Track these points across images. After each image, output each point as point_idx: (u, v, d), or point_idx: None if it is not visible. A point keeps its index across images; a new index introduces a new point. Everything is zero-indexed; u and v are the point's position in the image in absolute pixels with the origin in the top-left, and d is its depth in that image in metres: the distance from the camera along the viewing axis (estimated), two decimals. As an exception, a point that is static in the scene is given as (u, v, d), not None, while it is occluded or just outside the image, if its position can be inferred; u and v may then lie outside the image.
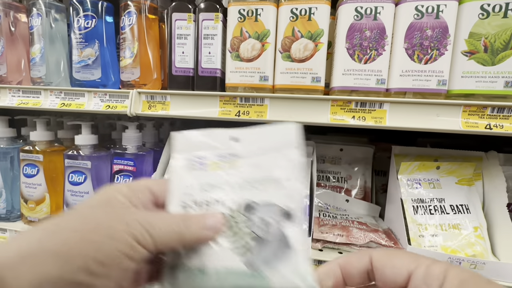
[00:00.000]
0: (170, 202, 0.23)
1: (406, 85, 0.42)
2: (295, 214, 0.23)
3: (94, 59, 0.52)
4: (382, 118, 0.41)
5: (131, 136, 0.55)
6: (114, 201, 0.21)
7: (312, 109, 0.43)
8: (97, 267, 0.17)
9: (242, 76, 0.46)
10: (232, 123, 0.49)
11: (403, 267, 0.18)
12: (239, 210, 0.24)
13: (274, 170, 0.25)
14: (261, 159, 0.26)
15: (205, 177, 0.25)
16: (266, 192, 0.24)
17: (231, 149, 0.26)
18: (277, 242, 0.22)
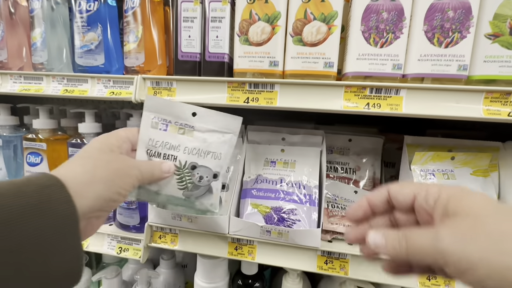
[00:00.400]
0: (139, 149, 0.39)
1: (425, 70, 0.40)
2: (219, 175, 0.42)
3: (97, 43, 0.50)
4: (399, 105, 0.39)
5: (136, 124, 0.53)
6: (115, 150, 0.34)
7: (324, 95, 0.41)
8: (122, 191, 0.31)
9: (251, 61, 0.44)
10: (240, 110, 0.47)
11: (410, 192, 0.26)
12: (186, 166, 0.40)
13: (214, 146, 0.41)
14: (209, 135, 0.41)
15: (166, 136, 0.40)
16: (205, 159, 0.41)
17: (189, 121, 0.40)
18: (205, 188, 0.41)
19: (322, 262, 0.47)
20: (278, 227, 0.46)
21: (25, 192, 0.23)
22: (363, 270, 0.46)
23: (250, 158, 0.56)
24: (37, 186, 0.24)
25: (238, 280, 0.56)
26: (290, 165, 0.55)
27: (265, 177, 0.53)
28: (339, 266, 0.46)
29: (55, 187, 0.25)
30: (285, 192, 0.51)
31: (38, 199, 0.23)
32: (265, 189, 0.52)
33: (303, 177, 0.53)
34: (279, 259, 0.48)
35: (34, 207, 0.23)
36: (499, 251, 0.19)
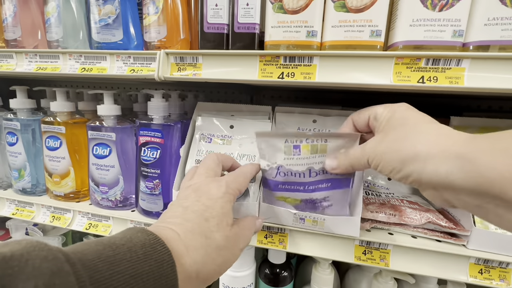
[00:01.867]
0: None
1: (492, 36, 0.34)
2: (255, 177, 0.45)
3: (114, 17, 0.46)
4: (459, 78, 0.34)
5: (158, 105, 0.50)
6: (225, 225, 0.31)
7: (371, 68, 0.36)
8: (232, 262, 0.33)
9: (285, 32, 0.39)
10: (250, 96, 0.42)
11: (365, 114, 0.35)
12: None
13: (248, 149, 0.49)
14: (243, 141, 0.51)
15: (210, 146, 0.51)
16: (241, 162, 0.46)
17: (228, 132, 0.51)
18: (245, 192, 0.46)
19: (360, 253, 0.44)
20: (313, 214, 0.42)
21: (142, 274, 0.21)
22: (405, 261, 0.42)
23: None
24: (153, 263, 0.22)
25: (266, 269, 0.54)
26: (320, 150, 0.39)
27: (289, 169, 0.40)
28: (379, 257, 0.43)
29: (167, 265, 0.23)
30: (315, 182, 0.40)
31: (153, 285, 0.22)
32: (289, 182, 0.40)
33: None
34: (313, 249, 0.45)
35: None
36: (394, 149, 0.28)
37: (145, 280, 0.21)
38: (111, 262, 0.21)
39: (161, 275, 0.22)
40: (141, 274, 0.21)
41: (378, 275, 0.49)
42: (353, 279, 0.61)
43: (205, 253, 0.27)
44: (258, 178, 0.48)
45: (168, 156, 0.51)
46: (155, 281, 0.22)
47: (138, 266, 0.21)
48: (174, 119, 0.56)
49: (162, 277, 0.22)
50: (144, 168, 0.51)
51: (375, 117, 0.33)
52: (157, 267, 0.22)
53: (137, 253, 0.22)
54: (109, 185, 0.54)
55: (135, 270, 0.21)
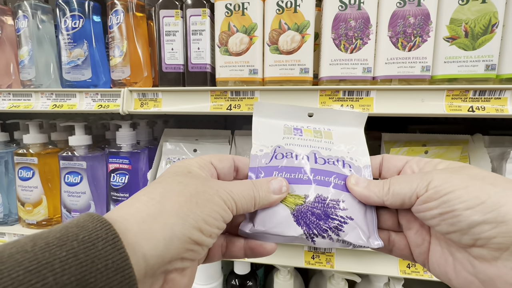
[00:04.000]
0: None
1: (392, 72, 0.43)
2: None
3: (83, 59, 0.52)
4: (370, 106, 0.42)
5: (125, 135, 0.55)
6: (195, 172, 0.23)
7: (302, 99, 0.44)
8: (204, 226, 0.20)
9: (232, 70, 0.47)
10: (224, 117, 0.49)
11: (402, 159, 0.26)
12: None
13: None
14: None
15: None
16: None
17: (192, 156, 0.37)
18: None
19: (309, 257, 0.49)
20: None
21: (53, 264, 0.14)
22: (348, 262, 0.48)
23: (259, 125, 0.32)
24: (75, 246, 0.15)
25: (232, 280, 0.58)
26: (325, 135, 0.31)
27: (290, 150, 0.29)
28: (325, 260, 0.49)
29: (102, 243, 0.15)
30: (321, 171, 0.28)
31: (76, 275, 0.14)
32: (292, 168, 0.28)
33: (346, 153, 0.30)
34: (269, 257, 0.50)
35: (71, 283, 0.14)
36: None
37: (57, 271, 0.14)
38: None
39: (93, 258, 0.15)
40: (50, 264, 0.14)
41: (331, 278, 0.55)
42: (315, 284, 0.66)
43: (150, 194, 0.20)
44: None
45: (137, 180, 0.56)
46: (78, 269, 0.14)
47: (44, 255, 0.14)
48: (142, 146, 0.61)
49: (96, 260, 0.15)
50: (113, 192, 0.55)
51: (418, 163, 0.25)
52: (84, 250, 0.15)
53: (50, 238, 0.15)
54: (81, 211, 0.58)
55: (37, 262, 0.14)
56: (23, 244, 0.14)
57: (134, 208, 0.19)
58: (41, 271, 0.13)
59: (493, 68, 0.40)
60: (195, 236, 0.19)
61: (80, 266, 0.14)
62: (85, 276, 0.14)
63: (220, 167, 0.26)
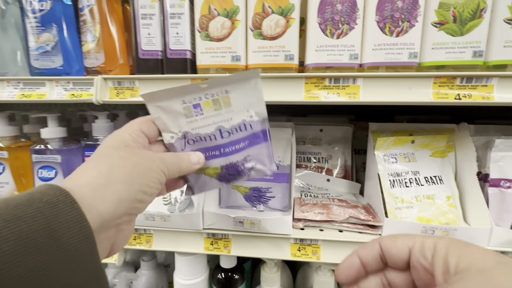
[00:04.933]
0: None
1: (379, 59, 0.41)
2: None
3: (53, 45, 0.48)
4: (356, 94, 0.41)
5: (102, 126, 0.52)
6: (131, 145, 0.29)
7: (287, 87, 0.42)
8: (147, 189, 0.26)
9: (213, 57, 0.44)
10: None
11: (404, 246, 0.22)
12: None
13: None
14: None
15: None
16: None
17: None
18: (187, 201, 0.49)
19: (295, 250, 0.49)
20: (250, 217, 0.47)
21: (25, 217, 0.18)
22: (333, 253, 0.48)
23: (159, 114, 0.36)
24: (43, 205, 0.19)
25: (218, 274, 0.57)
26: (224, 103, 0.35)
27: (197, 133, 0.36)
28: (311, 252, 0.48)
29: (62, 204, 0.20)
30: (231, 143, 0.36)
31: (44, 224, 0.18)
32: (204, 149, 0.36)
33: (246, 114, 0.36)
34: (255, 250, 0.49)
35: (35, 239, 0.18)
36: None
37: (29, 222, 0.18)
38: None
39: (56, 214, 0.19)
40: (21, 217, 0.18)
41: (318, 269, 0.55)
42: (302, 276, 0.66)
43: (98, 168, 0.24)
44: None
45: (115, 174, 0.53)
46: (46, 220, 0.19)
47: (15, 212, 0.18)
48: (122, 138, 0.58)
49: (58, 215, 0.19)
50: (91, 187, 0.52)
51: (427, 251, 0.21)
52: (48, 208, 0.19)
53: (17, 200, 0.19)
54: (57, 207, 0.55)
55: (12, 215, 0.18)
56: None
57: (85, 180, 0.23)
58: (16, 221, 0.18)
59: (480, 54, 0.40)
60: (140, 197, 0.26)
61: (46, 219, 0.19)
62: (51, 225, 0.19)
63: (148, 133, 0.32)
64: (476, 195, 0.47)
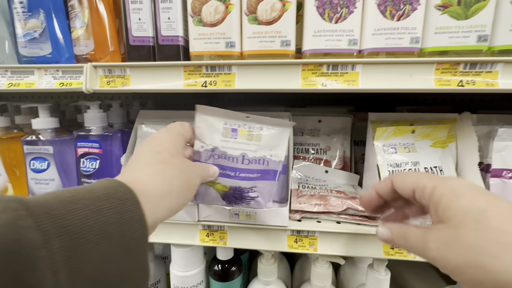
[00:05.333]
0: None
1: (379, 44, 0.40)
2: None
3: (40, 31, 0.47)
4: (355, 81, 0.39)
5: (94, 116, 0.51)
6: (180, 152, 0.34)
7: (283, 75, 0.41)
8: (187, 202, 0.32)
9: (206, 43, 0.43)
10: (208, 100, 0.45)
11: (410, 185, 0.29)
12: None
13: None
14: None
15: None
16: None
17: None
18: None
19: (292, 241, 0.48)
20: (246, 209, 0.46)
21: (103, 209, 0.21)
22: (331, 245, 0.47)
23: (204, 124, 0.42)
24: (115, 200, 0.22)
25: (214, 266, 0.57)
26: (256, 138, 0.42)
27: (224, 152, 0.41)
28: (308, 244, 0.47)
29: (130, 202, 0.23)
30: (247, 170, 0.42)
31: (116, 219, 0.21)
32: (223, 166, 0.41)
33: (268, 151, 0.43)
34: (251, 242, 0.48)
35: (108, 231, 0.21)
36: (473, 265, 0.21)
37: (106, 215, 0.21)
38: (69, 201, 0.20)
39: (125, 210, 0.22)
40: (102, 209, 0.21)
41: (315, 261, 0.54)
42: (300, 267, 0.66)
43: (164, 176, 0.28)
44: None
45: (109, 166, 0.52)
46: (119, 215, 0.22)
47: (98, 203, 0.21)
48: (116, 129, 0.57)
49: (127, 212, 0.22)
50: (84, 179, 0.51)
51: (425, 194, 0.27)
52: (119, 204, 0.22)
53: (97, 193, 0.22)
54: (51, 199, 0.54)
55: (95, 207, 0.21)
56: (82, 194, 0.22)
57: (151, 186, 0.27)
58: (99, 213, 0.21)
59: (485, 39, 0.38)
60: (180, 208, 0.30)
61: (118, 214, 0.22)
62: (121, 220, 0.22)
63: (187, 139, 0.37)
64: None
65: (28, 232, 0.16)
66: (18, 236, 0.16)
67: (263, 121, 0.42)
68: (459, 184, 0.25)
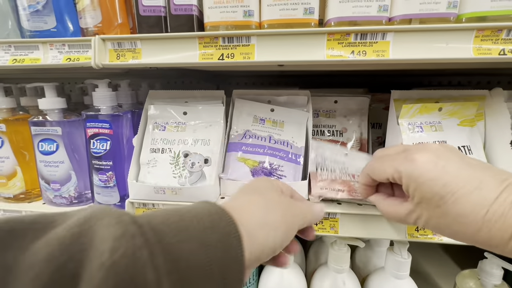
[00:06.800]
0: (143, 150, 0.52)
1: (412, 10, 0.36)
2: (210, 160, 0.49)
3: (44, 3, 0.44)
4: (385, 51, 0.36)
5: (103, 95, 0.48)
6: (284, 192, 0.32)
7: (306, 45, 0.38)
8: (286, 240, 0.26)
9: (222, 12, 0.39)
10: (208, 76, 0.42)
11: (385, 176, 0.34)
12: (179, 155, 0.49)
13: (202, 134, 0.51)
14: (197, 126, 0.52)
15: (164, 134, 0.52)
16: (196, 147, 0.50)
17: (182, 119, 0.53)
18: (198, 174, 0.48)
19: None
20: None
21: (211, 243, 0.20)
22: (352, 227, 0.45)
23: (237, 114, 0.54)
24: (220, 232, 0.21)
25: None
26: (279, 125, 0.53)
27: (254, 133, 0.52)
28: (329, 226, 0.46)
29: (233, 236, 0.21)
30: (273, 148, 0.51)
31: (220, 257, 0.20)
32: (253, 144, 0.51)
33: (290, 137, 0.52)
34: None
35: (212, 270, 0.20)
36: None
37: (213, 251, 0.20)
38: (178, 229, 0.20)
39: (229, 246, 0.21)
40: (210, 243, 0.20)
41: (333, 244, 0.53)
42: (315, 251, 0.65)
43: (263, 223, 0.25)
44: (214, 161, 0.49)
45: (120, 147, 0.50)
46: (223, 253, 0.20)
47: (205, 235, 0.20)
48: (125, 109, 0.55)
49: (231, 249, 0.21)
50: (95, 161, 0.49)
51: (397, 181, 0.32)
52: (225, 237, 0.21)
53: (204, 220, 0.21)
54: (61, 182, 0.52)
55: (203, 239, 0.20)
56: (190, 220, 0.21)
57: (252, 216, 0.25)
58: (206, 247, 0.20)
59: (531, 2, 0.34)
60: (279, 246, 0.26)
61: (223, 250, 0.21)
62: (224, 258, 0.20)
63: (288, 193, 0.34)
64: (508, 164, 0.43)
65: (144, 269, 0.16)
66: (135, 272, 0.16)
67: (284, 115, 0.53)
68: (418, 167, 0.29)
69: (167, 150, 0.50)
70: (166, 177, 0.49)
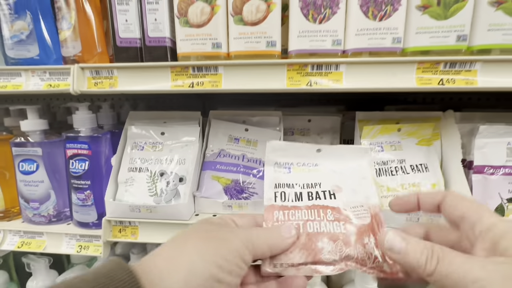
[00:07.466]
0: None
1: (362, 44, 0.41)
2: (185, 179, 0.51)
3: (27, 33, 0.47)
4: (339, 80, 0.40)
5: (83, 118, 0.51)
6: (216, 222, 0.27)
7: (268, 75, 0.41)
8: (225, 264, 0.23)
9: (193, 44, 0.43)
10: (201, 102, 0.45)
11: (460, 211, 0.24)
12: (155, 174, 0.52)
13: (178, 153, 0.54)
14: (174, 146, 0.55)
15: (141, 154, 0.54)
16: (171, 166, 0.52)
17: (159, 139, 0.56)
18: (172, 193, 0.51)
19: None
20: (238, 200, 0.48)
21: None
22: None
23: (214, 133, 0.58)
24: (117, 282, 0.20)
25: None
26: (253, 144, 0.57)
27: (228, 152, 0.55)
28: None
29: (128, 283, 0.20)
30: (246, 166, 0.54)
31: None
32: (227, 162, 0.54)
33: (263, 156, 0.55)
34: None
35: None
36: None
37: None
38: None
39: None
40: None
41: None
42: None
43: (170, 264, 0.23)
44: (189, 180, 0.52)
45: (98, 167, 0.52)
46: None
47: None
48: (106, 130, 0.57)
49: None
50: (74, 180, 0.51)
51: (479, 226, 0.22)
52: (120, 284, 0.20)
53: (101, 274, 0.20)
54: (40, 201, 0.54)
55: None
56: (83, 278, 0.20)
57: (161, 251, 0.23)
58: None
59: (464, 39, 0.39)
60: (214, 272, 0.22)
61: None
62: None
63: (240, 223, 0.28)
64: (460, 182, 0.47)
65: None
66: None
67: (257, 135, 0.57)
68: None
69: (144, 169, 0.52)
70: (143, 195, 0.51)
